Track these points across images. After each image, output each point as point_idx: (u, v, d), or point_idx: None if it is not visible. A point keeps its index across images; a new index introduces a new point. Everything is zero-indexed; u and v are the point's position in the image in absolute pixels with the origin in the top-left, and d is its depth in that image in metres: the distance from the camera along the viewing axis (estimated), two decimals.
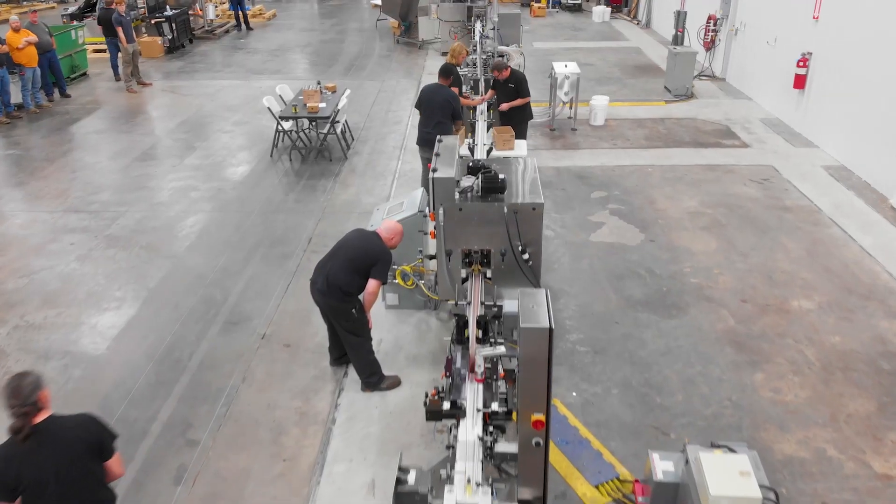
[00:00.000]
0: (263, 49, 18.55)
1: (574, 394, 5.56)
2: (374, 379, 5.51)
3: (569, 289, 7.07)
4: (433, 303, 6.58)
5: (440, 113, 8.13)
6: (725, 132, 11.69)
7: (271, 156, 10.79)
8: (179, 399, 5.64)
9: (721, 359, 6.04)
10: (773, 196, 9.24)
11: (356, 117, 12.72)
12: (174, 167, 10.45)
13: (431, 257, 6.23)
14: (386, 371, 5.68)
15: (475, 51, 12.14)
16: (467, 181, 5.16)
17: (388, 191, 9.55)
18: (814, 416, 5.45)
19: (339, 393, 5.61)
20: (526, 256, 5.14)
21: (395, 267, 6.39)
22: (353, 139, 11.53)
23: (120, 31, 14.14)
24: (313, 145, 10.76)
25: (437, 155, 5.47)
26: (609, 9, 22.11)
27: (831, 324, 6.54)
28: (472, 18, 16.27)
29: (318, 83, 11.27)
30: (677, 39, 13.97)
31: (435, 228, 5.25)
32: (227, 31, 20.85)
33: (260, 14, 22.87)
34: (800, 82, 11.39)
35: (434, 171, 5.16)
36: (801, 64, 11.25)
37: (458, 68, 9.63)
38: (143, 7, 18.11)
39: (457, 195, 5.15)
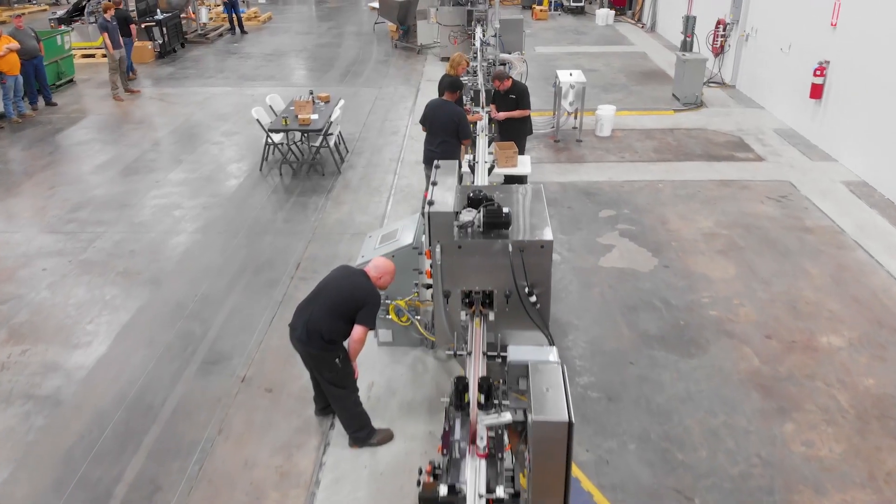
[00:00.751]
0: (257, 54, 18.00)
1: (587, 450, 5.01)
2: (362, 434, 4.96)
3: (578, 321, 6.51)
4: (430, 341, 6.03)
5: (444, 131, 7.58)
6: (738, 144, 11.14)
7: (261, 170, 10.25)
8: (149, 454, 5.09)
9: (747, 405, 5.49)
10: (792, 215, 8.69)
11: (351, 127, 12.18)
12: (158, 182, 9.90)
13: (428, 286, 5.69)
14: (376, 421, 5.13)
15: (475, 58, 11.59)
16: (467, 215, 4.61)
17: (383, 208, 9.00)
18: (851, 473, 4.91)
19: (324, 448, 5.06)
20: (533, 299, 4.59)
21: (389, 301, 5.86)
22: (347, 151, 10.99)
23: (105, 36, 13.59)
24: (305, 159, 10.22)
25: (434, 184, 4.92)
26: (613, 12, 21.56)
27: (863, 363, 6.00)
28: (473, 23, 15.73)
29: (311, 93, 10.72)
30: (686, 45, 13.43)
31: (431, 267, 4.70)
32: (220, 35, 20.31)
33: (255, 17, 22.33)
34: (816, 92, 10.84)
35: (430, 203, 4.61)
36: (818, 73, 10.70)
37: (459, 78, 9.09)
38: (133, 11, 17.56)
39: (456, 231, 4.60)
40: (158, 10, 17.67)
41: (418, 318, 5.88)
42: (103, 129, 12.34)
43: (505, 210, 4.56)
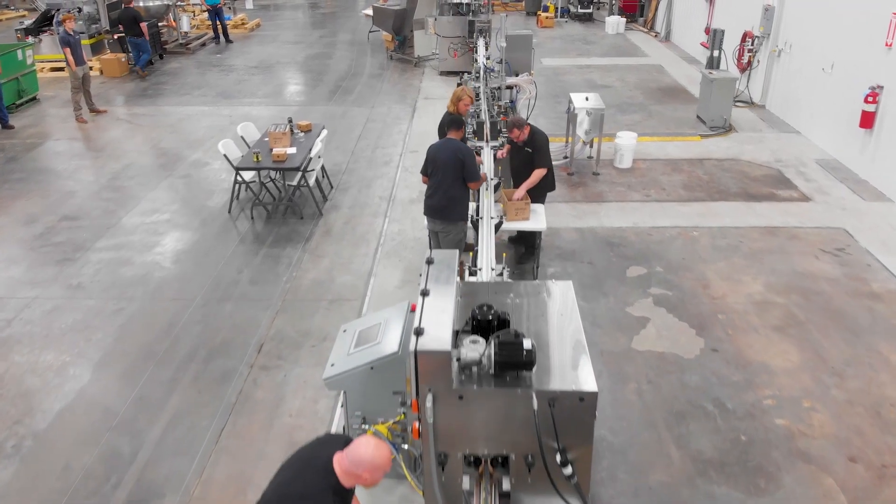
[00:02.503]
0: (241, 66, 16.60)
1: None
2: None
3: (613, 438, 5.11)
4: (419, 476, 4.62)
5: (448, 171, 6.19)
6: (778, 179, 9.74)
7: (230, 211, 8.84)
8: None
9: None
10: (854, 275, 7.30)
11: (337, 156, 10.78)
12: (109, 229, 8.49)
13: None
14: None
15: (478, 77, 10.19)
16: (472, 350, 3.21)
17: (369, 264, 7.59)
18: None
19: None
20: (568, 471, 3.19)
21: (367, 426, 4.46)
22: (331, 187, 9.58)
23: (67, 52, 12.18)
24: (281, 198, 8.81)
25: (425, 294, 3.52)
26: (623, 19, 20.16)
27: None
28: (475, 34, 14.33)
29: (289, 122, 9.31)
30: (713, 62, 12.03)
31: (419, 422, 3.30)
32: (203, 45, 18.91)
33: (242, 24, 20.93)
34: (867, 121, 9.46)
35: (418, 332, 3.22)
36: (869, 99, 9.32)
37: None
38: (98, 20, 16.19)
39: (455, 372, 3.21)
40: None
41: (405, 447, 4.48)
42: (59, 158, 10.94)
43: (526, 345, 3.15)
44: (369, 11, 18.46)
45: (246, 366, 5.92)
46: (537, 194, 7.10)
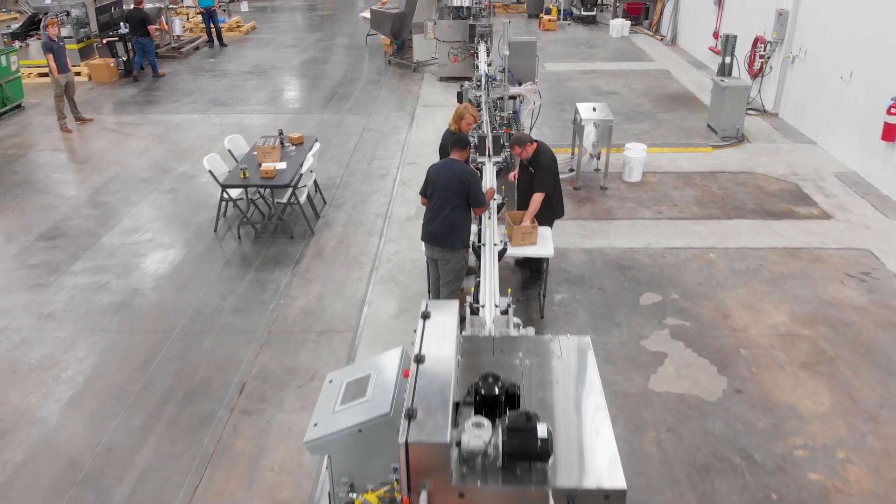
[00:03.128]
0: (234, 71, 16.08)
1: None
2: None
3: (630, 497, 4.58)
4: None
5: (451, 194, 5.66)
6: (796, 194, 9.23)
7: (215, 230, 8.33)
8: None
9: None
10: (883, 303, 6.79)
11: (332, 169, 10.27)
12: (87, 250, 7.98)
13: None
14: None
15: (479, 85, 9.68)
16: (475, 436, 2.69)
17: (363, 290, 7.07)
18: None
19: None
20: None
21: (355, 496, 3.95)
22: (324, 203, 9.07)
23: (50, 58, 11.68)
24: (271, 216, 8.29)
25: (419, 361, 3.01)
26: (628, 22, 19.64)
27: None
28: (476, 39, 13.84)
29: (280, 134, 8.80)
30: (725, 69, 11.51)
31: None
32: (196, 49, 18.39)
33: (237, 27, 20.42)
34: (890, 133, 8.96)
35: (410, 415, 2.70)
36: (892, 110, 8.81)
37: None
38: (87, 24, 15.69)
39: (455, 464, 2.69)
40: (122, 24, 15.73)
41: None
42: (41, 170, 10.43)
43: (541, 431, 2.64)
44: (367, 14, 17.95)
45: (226, 409, 5.41)
46: (544, 220, 6.59)
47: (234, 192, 8.07)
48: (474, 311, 4.89)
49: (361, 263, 7.59)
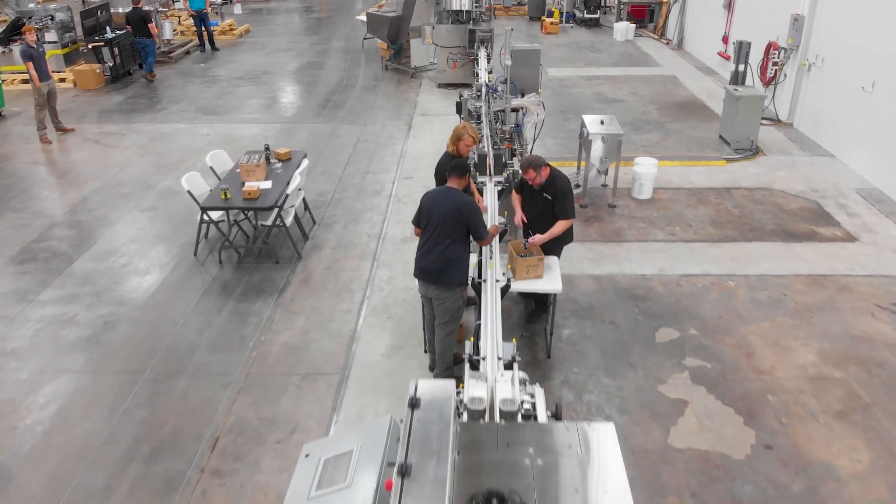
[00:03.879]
0: (225, 77, 15.50)
1: None
2: None
3: None
4: None
5: (448, 227, 5.09)
6: (817, 213, 8.65)
7: (195, 254, 7.75)
8: None
9: None
10: None
11: (323, 183, 9.69)
12: (57, 276, 7.41)
13: None
14: None
15: (480, 93, 9.11)
16: None
17: (353, 323, 6.50)
18: None
19: None
20: None
21: None
22: (314, 223, 8.49)
23: (30, 66, 11.10)
24: (255, 239, 7.70)
25: (404, 473, 2.43)
26: (633, 25, 19.05)
27: None
28: (476, 44, 13.26)
29: (266, 149, 8.22)
30: (738, 77, 10.93)
31: None
32: (187, 53, 17.81)
33: (230, 30, 19.84)
34: None
35: None
36: None
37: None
38: (72, 28, 15.11)
39: None
40: (108, 28, 15.15)
41: None
42: (17, 185, 9.84)
43: None
44: (363, 17, 17.37)
45: (196, 469, 4.82)
46: (553, 246, 6.02)
47: (216, 214, 7.49)
48: (474, 366, 4.33)
49: (352, 292, 7.01)
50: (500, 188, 6.83)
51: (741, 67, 10.95)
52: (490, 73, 10.80)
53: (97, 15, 15.31)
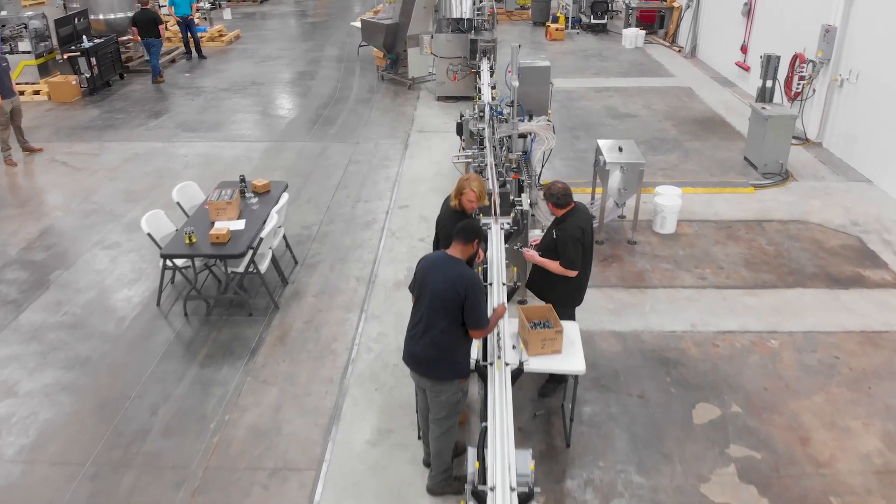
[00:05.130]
0: (210, 88, 14.54)
1: None
2: None
3: None
4: None
5: (436, 309, 4.12)
6: (861, 251, 7.69)
7: (158, 304, 6.80)
8: None
9: None
10: None
11: (309, 213, 8.74)
12: (1, 330, 6.45)
13: None
14: None
15: (482, 114, 8.16)
16: None
17: (333, 398, 5.53)
18: None
19: None
20: None
21: None
22: (295, 263, 7.54)
23: None
24: (226, 287, 6.73)
25: None
26: (643, 32, 18.09)
27: None
28: (478, 55, 12.31)
29: (241, 181, 7.27)
30: (765, 94, 9.97)
31: None
32: (173, 61, 16.85)
33: (219, 36, 18.88)
34: None
35: None
36: None
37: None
38: (48, 37, 14.15)
39: None
40: (85, 38, 14.17)
41: None
42: None
43: None
44: (358, 23, 16.40)
45: None
46: (563, 302, 5.12)
47: (180, 259, 6.52)
48: (480, 499, 3.39)
49: (334, 354, 6.04)
50: (506, 232, 5.88)
51: (769, 83, 9.99)
52: (493, 87, 9.87)
53: (74, 23, 14.34)
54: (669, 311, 6.60)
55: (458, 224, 4.30)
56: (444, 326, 4.03)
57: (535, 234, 6.45)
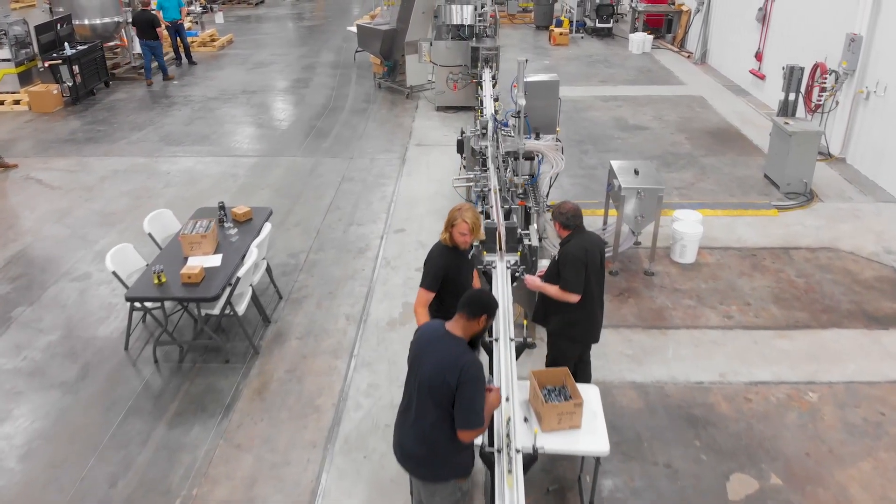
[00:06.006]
0: (198, 97, 13.87)
1: None
2: None
3: None
4: None
5: (425, 398, 3.42)
6: None
7: (126, 348, 6.13)
8: None
9: None
10: None
11: (297, 239, 8.08)
12: None
13: None
14: None
15: (485, 131, 7.50)
16: None
17: (316, 469, 4.85)
18: None
19: None
20: None
21: None
22: (279, 298, 6.87)
23: None
24: (199, 332, 6.05)
25: None
26: (650, 37, 17.42)
27: None
28: (479, 64, 11.64)
29: (220, 209, 6.60)
30: (787, 108, 9.30)
31: None
32: (161, 68, 16.13)
33: (211, 41, 18.21)
34: None
35: None
36: None
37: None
38: (29, 44, 13.48)
39: None
40: (67, 45, 13.50)
41: None
42: None
43: None
44: (353, 28, 15.73)
45: None
46: (565, 335, 4.56)
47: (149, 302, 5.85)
48: None
49: (318, 412, 5.37)
50: (512, 271, 5.21)
51: (791, 96, 9.32)
52: (496, 99, 9.22)
53: (56, 29, 13.67)
54: (694, 357, 5.93)
55: (464, 295, 3.55)
56: (435, 420, 3.34)
57: (542, 265, 5.80)
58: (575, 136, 11.25)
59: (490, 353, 4.36)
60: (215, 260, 5.91)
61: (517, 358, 4.23)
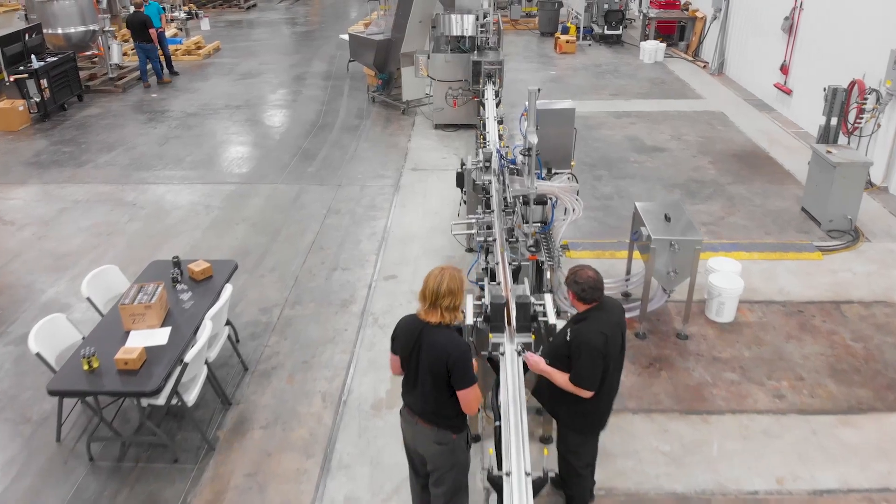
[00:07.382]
0: (177, 112, 12.82)
1: None
2: None
3: None
4: None
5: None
6: None
7: (58, 440, 5.09)
8: None
9: None
10: None
11: (271, 288, 7.03)
12: None
13: None
14: None
15: (489, 165, 6.44)
16: None
17: None
18: None
19: None
20: None
21: None
22: (244, 370, 5.82)
23: None
24: (140, 426, 4.99)
25: None
26: (663, 45, 16.36)
27: None
28: (481, 79, 10.58)
29: (175, 265, 5.55)
30: (829, 134, 8.25)
31: None
32: (139, 79, 15.09)
33: (196, 49, 17.16)
34: None
35: None
36: None
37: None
38: None
39: None
40: (34, 57, 12.44)
41: None
42: None
43: None
44: (345, 36, 14.67)
45: None
46: (574, 427, 3.76)
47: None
48: None
49: None
50: (521, 349, 4.16)
51: (833, 121, 8.27)
52: (501, 123, 8.18)
53: (23, 40, 12.62)
54: (744, 454, 4.88)
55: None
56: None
57: None
58: (587, 158, 10.20)
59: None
60: (161, 336, 4.86)
61: (535, 496, 3.19)
